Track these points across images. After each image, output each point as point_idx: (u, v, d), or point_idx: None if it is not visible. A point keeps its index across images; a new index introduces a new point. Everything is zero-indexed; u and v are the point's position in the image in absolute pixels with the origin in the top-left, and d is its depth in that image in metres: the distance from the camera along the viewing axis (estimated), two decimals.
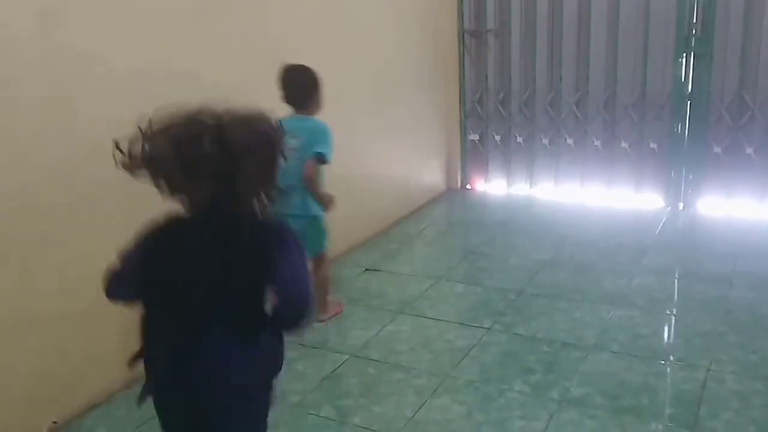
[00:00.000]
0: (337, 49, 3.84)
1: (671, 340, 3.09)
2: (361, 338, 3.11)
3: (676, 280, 3.69)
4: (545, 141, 5.00)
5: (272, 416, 1.67)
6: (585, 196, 4.96)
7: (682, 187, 4.67)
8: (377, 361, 2.93)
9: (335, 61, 3.84)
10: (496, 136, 5.18)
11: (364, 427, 2.47)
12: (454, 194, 5.31)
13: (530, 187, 5.16)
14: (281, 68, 2.96)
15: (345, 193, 4.02)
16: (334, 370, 2.86)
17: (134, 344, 1.65)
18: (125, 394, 2.69)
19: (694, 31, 4.37)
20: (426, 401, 2.62)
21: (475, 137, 5.27)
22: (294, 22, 3.50)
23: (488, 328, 3.16)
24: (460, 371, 2.82)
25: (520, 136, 5.08)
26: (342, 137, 3.96)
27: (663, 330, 3.18)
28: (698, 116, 4.49)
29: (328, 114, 3.80)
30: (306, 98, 2.99)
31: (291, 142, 2.69)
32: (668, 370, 2.83)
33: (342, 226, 4.02)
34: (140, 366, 1.65)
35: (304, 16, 3.57)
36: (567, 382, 2.71)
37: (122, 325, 2.68)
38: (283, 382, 2.69)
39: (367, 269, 3.89)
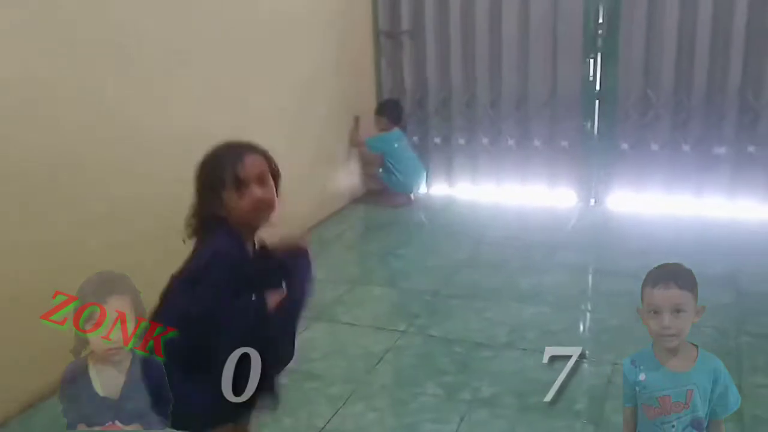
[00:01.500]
0: (249, 51, 3.76)
1: (580, 336, 3.16)
2: None
3: (586, 276, 3.79)
4: (462, 141, 5.05)
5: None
6: (501, 194, 5.03)
7: (593, 184, 4.80)
8: (290, 370, 2.87)
9: (249, 62, 3.77)
10: (413, 137, 5.19)
11: None
12: (373, 196, 5.29)
13: (449, 186, 5.20)
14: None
15: None
16: None
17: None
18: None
19: (600, 32, 4.50)
20: (339, 410, 2.58)
21: None
22: (200, 24, 3.40)
23: (403, 331, 3.16)
24: (375, 377, 2.81)
25: (437, 136, 5.11)
26: (257, 140, 3.91)
27: (573, 326, 3.25)
28: (606, 114, 4.63)
29: (241, 114, 3.73)
30: None
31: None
32: (576, 366, 2.88)
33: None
34: None
35: (210, 14, 3.47)
36: (478, 382, 2.73)
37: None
38: None
39: None
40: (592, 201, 4.82)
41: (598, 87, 4.60)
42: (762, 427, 2.40)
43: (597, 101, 4.63)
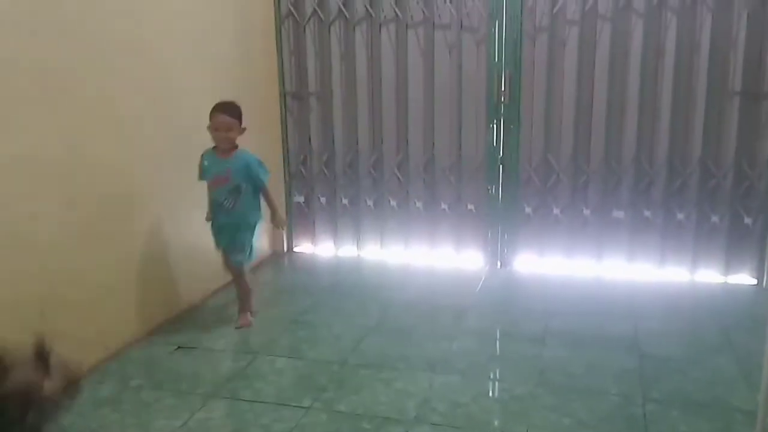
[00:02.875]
0: (147, 114, 3.60)
1: (489, 406, 3.08)
2: (165, 430, 2.80)
3: (494, 342, 3.75)
4: (370, 202, 5.00)
5: None
6: (410, 256, 5.00)
7: (499, 246, 4.84)
8: None
9: (144, 126, 3.59)
10: (321, 198, 5.11)
11: None
12: (279, 258, 5.14)
13: (357, 248, 5.12)
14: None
15: (154, 263, 3.74)
16: None
17: None
18: None
19: (503, 100, 4.61)
20: None
21: (300, 199, 5.16)
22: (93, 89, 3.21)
23: (308, 408, 2.99)
24: None
25: (345, 197, 5.05)
26: (157, 205, 3.71)
27: (482, 395, 3.17)
28: (510, 178, 4.71)
29: (138, 173, 3.54)
30: None
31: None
32: None
33: (152, 299, 3.72)
34: None
35: (112, 68, 3.29)
36: None
37: None
38: None
39: (179, 347, 3.58)
40: (499, 263, 4.85)
41: (501, 152, 4.69)
42: None
43: (501, 166, 4.71)
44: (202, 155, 3.68)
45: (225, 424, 2.86)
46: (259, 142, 4.78)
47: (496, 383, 3.28)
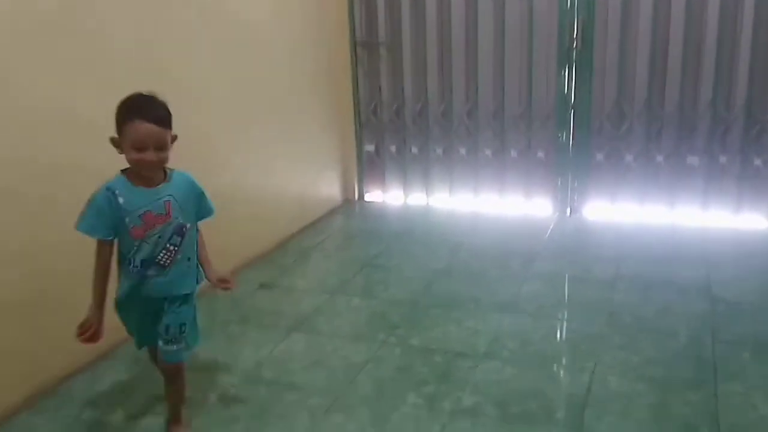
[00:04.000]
0: (223, 58, 3.74)
1: (558, 345, 3.18)
2: (252, 359, 3.02)
3: (563, 285, 3.82)
4: (439, 151, 5.07)
5: None
6: (479, 204, 5.06)
7: (569, 194, 4.85)
8: (270, 381, 2.85)
9: (221, 71, 3.74)
10: (391, 147, 5.21)
11: None
12: (351, 206, 5.29)
13: (426, 196, 5.22)
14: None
15: (238, 207, 3.94)
16: (224, 394, 2.76)
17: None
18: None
19: (575, 45, 4.55)
20: (318, 422, 2.56)
21: (371, 148, 5.28)
22: (176, 30, 3.37)
23: (383, 342, 3.15)
24: (355, 388, 2.79)
25: (414, 146, 5.13)
26: (233, 150, 3.89)
27: (551, 335, 3.27)
28: (581, 125, 4.69)
29: (216, 126, 3.70)
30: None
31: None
32: (556, 374, 2.91)
33: (234, 241, 3.93)
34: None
35: (186, 22, 3.45)
36: (459, 392, 2.73)
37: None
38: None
39: (261, 285, 3.80)
40: (568, 211, 4.87)
41: (573, 99, 4.66)
42: None
43: (572, 112, 4.69)
44: (106, 189, 2.15)
45: (307, 355, 3.05)
46: (330, 91, 4.92)
47: (566, 324, 3.36)
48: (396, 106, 5.09)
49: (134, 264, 2.23)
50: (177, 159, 2.26)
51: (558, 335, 3.28)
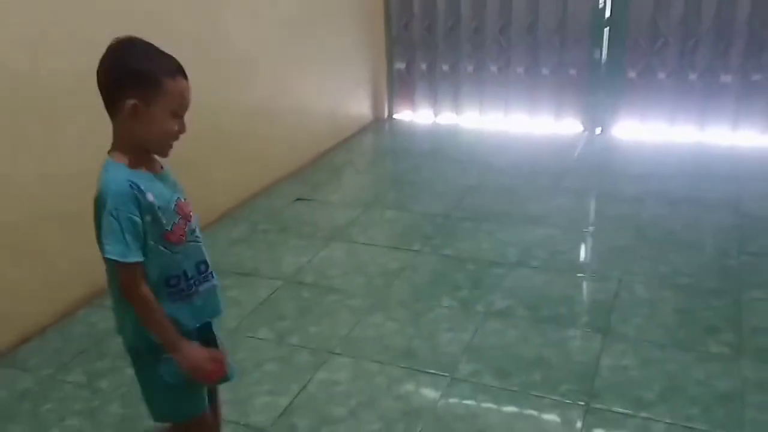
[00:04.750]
0: None
1: (587, 255, 3.30)
2: (294, 265, 3.18)
3: (592, 200, 3.90)
4: (470, 68, 5.07)
5: None
6: (509, 123, 5.09)
7: (600, 112, 4.86)
8: (311, 285, 3.01)
9: None
10: (422, 65, 5.21)
11: (301, 346, 2.57)
12: (381, 124, 5.35)
13: (456, 116, 5.25)
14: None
15: (272, 124, 4.03)
16: (269, 295, 2.93)
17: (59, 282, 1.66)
18: (57, 327, 2.70)
19: None
20: (360, 320, 2.73)
21: (402, 66, 5.28)
22: None
23: (418, 251, 3.28)
24: (393, 291, 2.94)
25: (445, 64, 5.13)
26: (265, 66, 3.94)
27: (579, 246, 3.38)
28: (615, 42, 4.65)
29: (251, 36, 3.73)
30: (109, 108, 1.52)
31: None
32: (584, 282, 3.04)
33: (270, 156, 4.03)
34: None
35: None
36: (491, 296, 2.87)
37: (50, 259, 2.67)
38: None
39: (297, 198, 3.93)
40: (599, 129, 4.89)
41: (607, 14, 4.61)
42: (760, 335, 2.55)
43: (606, 29, 4.64)
44: (129, 185, 1.47)
45: (346, 261, 3.20)
46: (361, 6, 4.89)
47: (594, 236, 3.46)
48: (428, 23, 5.06)
49: (190, 276, 1.58)
50: (216, 78, 2.31)
51: (586, 247, 3.39)
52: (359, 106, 5.17)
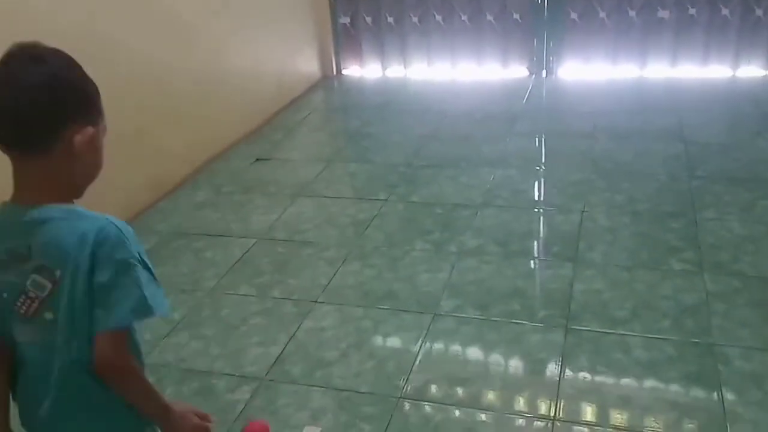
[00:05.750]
0: None
1: (547, 191, 3.41)
2: (264, 222, 3.19)
3: (545, 140, 4.01)
4: (415, 19, 5.08)
5: (192, 301, 1.69)
6: (457, 73, 5.14)
7: (545, 55, 4.96)
8: (285, 240, 3.03)
9: None
10: (367, 18, 5.18)
11: (284, 298, 2.61)
12: (330, 81, 5.32)
13: (404, 68, 5.27)
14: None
15: (219, 87, 3.96)
16: (244, 253, 2.94)
17: None
18: None
19: None
20: (338, 269, 2.77)
21: (346, 20, 5.25)
22: None
23: (385, 200, 3.33)
24: (366, 240, 2.99)
25: (390, 15, 5.12)
26: (206, 29, 3.86)
27: (539, 183, 3.49)
28: None
29: (181, 9, 3.63)
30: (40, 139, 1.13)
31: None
32: (548, 216, 3.16)
33: (222, 120, 3.99)
34: None
35: None
36: (462, 236, 2.96)
37: None
38: (194, 273, 2.76)
39: (257, 159, 3.91)
40: (545, 72, 5.00)
41: None
42: (717, 251, 2.72)
43: None
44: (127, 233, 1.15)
45: (316, 216, 3.23)
46: None
47: (552, 173, 3.57)
48: None
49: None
50: (156, 44, 2.24)
51: (546, 183, 3.51)
52: (307, 64, 5.13)
